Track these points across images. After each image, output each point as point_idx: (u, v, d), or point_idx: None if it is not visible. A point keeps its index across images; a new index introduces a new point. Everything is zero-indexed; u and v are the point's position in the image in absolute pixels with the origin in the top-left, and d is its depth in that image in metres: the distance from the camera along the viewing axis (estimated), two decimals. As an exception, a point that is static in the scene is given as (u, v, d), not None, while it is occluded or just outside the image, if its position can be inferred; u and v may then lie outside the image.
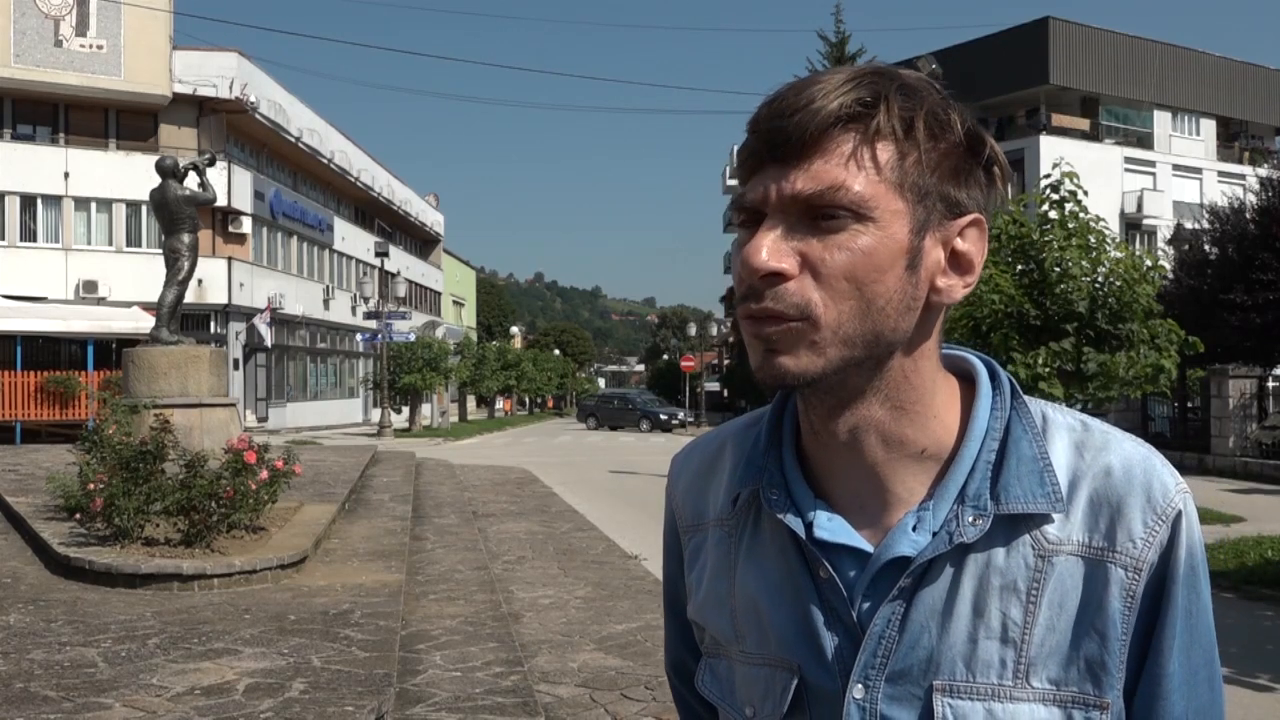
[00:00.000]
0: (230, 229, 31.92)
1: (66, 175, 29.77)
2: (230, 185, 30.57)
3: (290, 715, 4.59)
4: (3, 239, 29.36)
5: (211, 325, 31.23)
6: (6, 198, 29.41)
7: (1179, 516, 0.86)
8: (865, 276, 0.82)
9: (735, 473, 0.99)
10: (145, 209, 26.45)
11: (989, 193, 0.88)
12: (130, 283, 28.63)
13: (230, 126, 32.81)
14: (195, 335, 19.77)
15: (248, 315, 32.18)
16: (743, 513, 0.98)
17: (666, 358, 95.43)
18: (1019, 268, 12.45)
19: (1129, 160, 41.94)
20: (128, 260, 30.07)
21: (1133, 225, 41.52)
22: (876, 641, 0.87)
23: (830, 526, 0.90)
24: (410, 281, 46.25)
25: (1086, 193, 12.42)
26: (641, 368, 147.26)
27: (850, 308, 0.83)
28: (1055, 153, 24.37)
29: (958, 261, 0.87)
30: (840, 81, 0.83)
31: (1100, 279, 12.19)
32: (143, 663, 5.39)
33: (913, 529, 0.88)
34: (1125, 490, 0.87)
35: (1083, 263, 11.97)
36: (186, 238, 13.43)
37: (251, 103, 32.21)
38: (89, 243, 30.28)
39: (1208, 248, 24.84)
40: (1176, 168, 43.25)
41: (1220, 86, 44.49)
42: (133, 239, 30.77)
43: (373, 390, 38.57)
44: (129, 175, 28.90)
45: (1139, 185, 41.92)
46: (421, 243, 58.27)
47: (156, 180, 13.38)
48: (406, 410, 38.15)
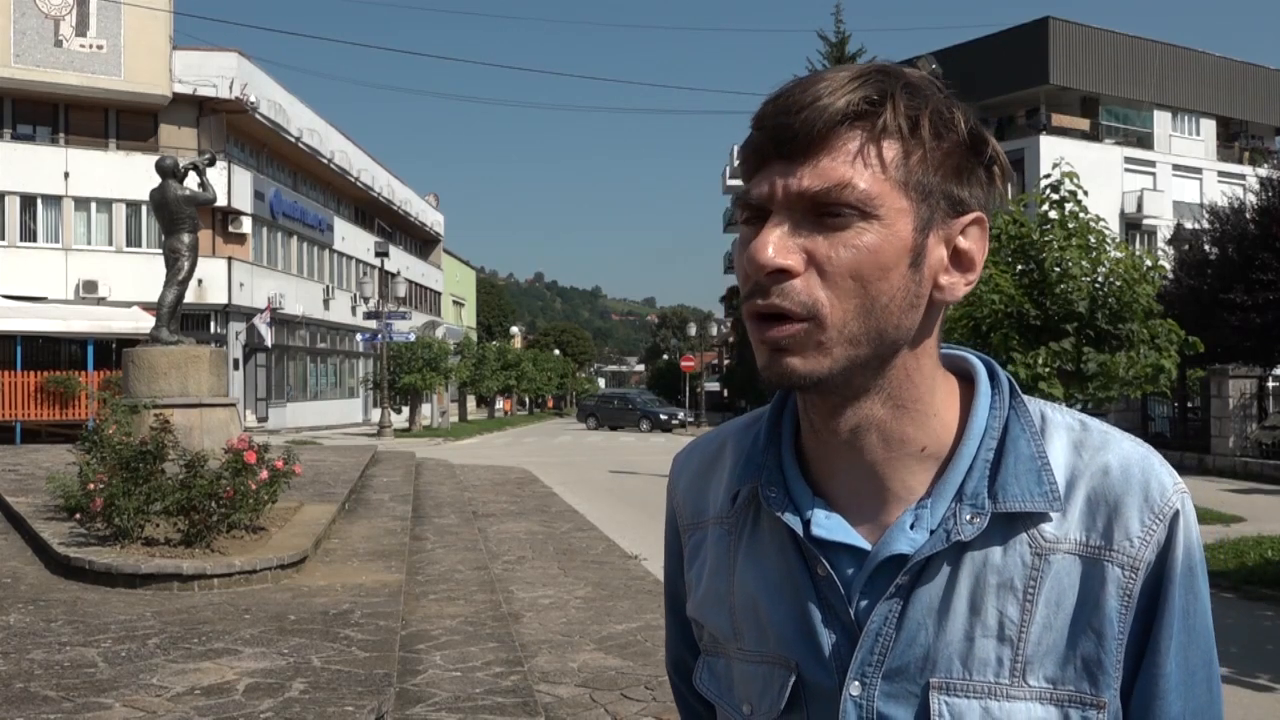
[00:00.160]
0: (230, 229, 31.92)
1: (66, 175, 29.77)
2: (230, 185, 30.57)
3: (290, 715, 4.59)
4: (3, 239, 29.36)
5: (211, 325, 31.23)
6: (6, 198, 29.41)
7: (1176, 516, 0.87)
8: (870, 274, 0.83)
9: (735, 471, 0.99)
10: (145, 209, 26.46)
11: (989, 191, 0.89)
12: (130, 283, 28.63)
13: (230, 126, 32.81)
14: (195, 335, 19.77)
15: (248, 315, 32.18)
16: (742, 510, 0.98)
17: (666, 358, 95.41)
18: (1019, 268, 12.46)
19: (1129, 160, 41.94)
20: (128, 260, 30.07)
21: (1133, 225, 41.52)
22: (873, 639, 0.87)
23: (828, 524, 0.90)
24: (410, 281, 46.25)
25: (1086, 193, 12.42)
26: (641, 368, 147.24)
27: (855, 306, 0.83)
28: (1055, 153, 24.39)
29: (960, 259, 0.88)
30: (846, 79, 0.83)
31: (1100, 279, 12.20)
32: (143, 663, 5.40)
33: (910, 527, 0.88)
34: (1123, 489, 0.87)
35: (1083, 263, 11.97)
36: (186, 238, 13.43)
37: (251, 103, 32.21)
38: (89, 243, 30.28)
39: (1208, 248, 24.84)
40: (1176, 168, 43.26)
41: (1220, 86, 44.49)
42: (133, 239, 30.78)
43: (373, 390, 38.57)
44: (129, 175, 28.91)
45: (1139, 185, 41.92)
46: (421, 243, 58.28)
47: (156, 180, 13.38)
48: (406, 410, 38.15)
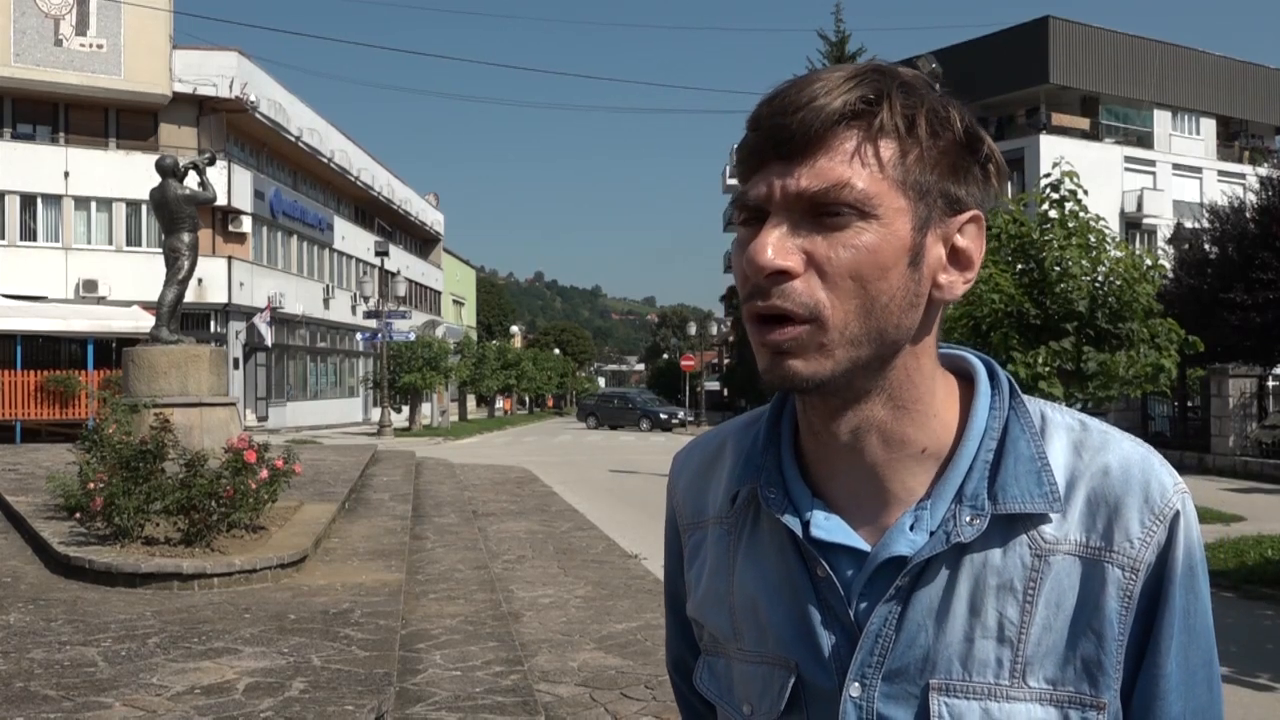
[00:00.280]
0: (230, 228, 31.93)
1: (66, 175, 29.77)
2: (230, 184, 30.57)
3: (290, 715, 4.59)
4: (3, 238, 29.37)
5: (211, 324, 31.24)
6: (6, 197, 29.42)
7: (1177, 517, 0.86)
8: (870, 274, 0.82)
9: (734, 471, 0.99)
10: (145, 208, 26.46)
11: (985, 189, 0.88)
12: (130, 282, 28.64)
13: (230, 126, 32.81)
14: (195, 334, 19.77)
15: (248, 314, 32.19)
16: (741, 511, 0.98)
17: (666, 357, 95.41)
18: (1019, 267, 12.46)
19: (1129, 160, 41.95)
20: (128, 260, 30.08)
21: (1133, 225, 41.53)
22: (873, 640, 0.87)
23: (827, 526, 0.90)
24: (410, 281, 46.25)
25: (1086, 192, 12.42)
26: (641, 367, 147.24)
27: (856, 306, 0.83)
28: (1055, 152, 24.36)
29: (958, 258, 0.88)
30: (842, 79, 0.83)
31: (1100, 278, 12.20)
32: (143, 662, 5.40)
33: (910, 528, 0.88)
34: (1123, 490, 0.87)
35: (1083, 262, 11.98)
36: (186, 237, 13.43)
37: (251, 102, 32.21)
38: (89, 242, 30.29)
39: (1208, 247, 24.85)
40: (1176, 167, 43.26)
41: (1220, 86, 44.49)
42: (133, 238, 30.78)
43: (373, 389, 38.57)
44: (129, 174, 28.91)
45: (1139, 185, 41.92)
46: (421, 242, 58.28)
47: (156, 179, 13.38)
48: (406, 409, 38.15)
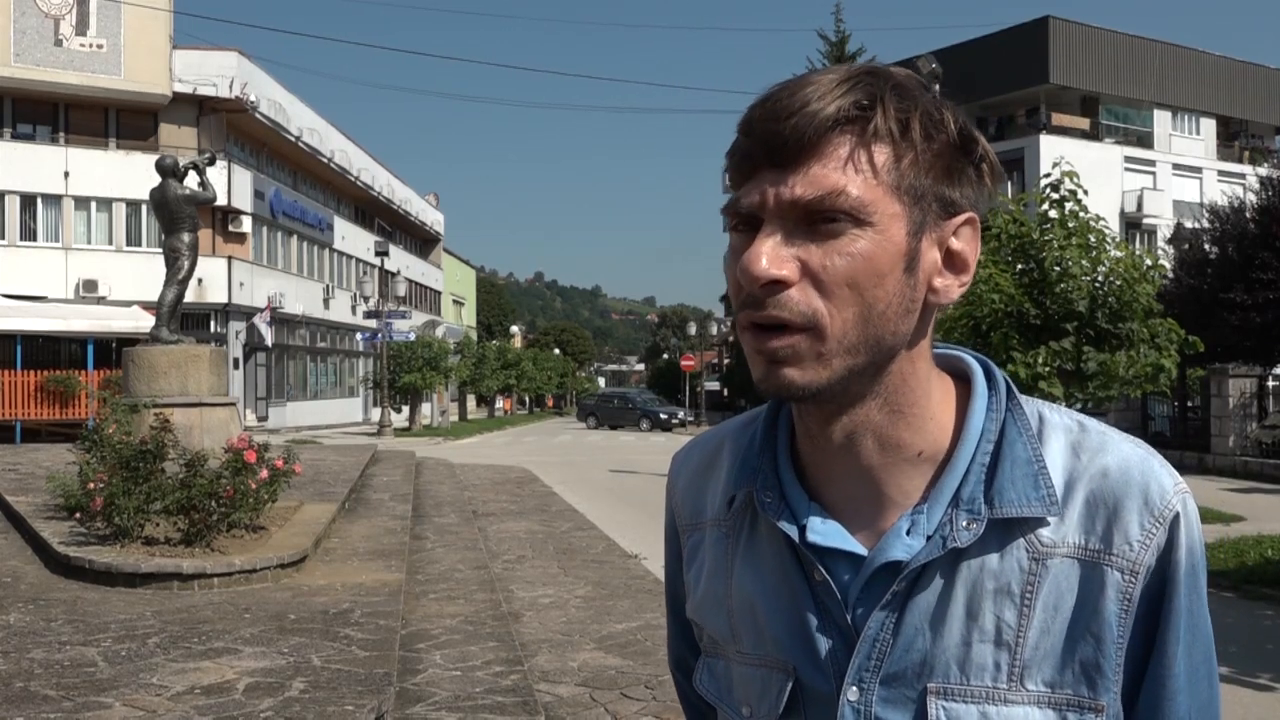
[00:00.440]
0: (230, 228, 31.93)
1: (66, 175, 29.77)
2: (230, 184, 30.57)
3: (290, 714, 4.59)
4: (3, 238, 29.37)
5: (211, 324, 31.24)
6: (6, 197, 29.42)
7: (1177, 519, 0.86)
8: (866, 281, 0.82)
9: (731, 474, 0.99)
10: (145, 208, 26.46)
11: (980, 190, 0.88)
12: (130, 282, 28.64)
13: (230, 126, 32.81)
14: (195, 334, 19.78)
15: (248, 314, 32.19)
16: (739, 514, 0.98)
17: (666, 357, 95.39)
18: (1019, 267, 12.46)
19: (1129, 160, 41.94)
20: (128, 260, 30.07)
21: (1133, 225, 41.52)
22: (871, 645, 0.87)
23: (824, 530, 0.90)
24: (410, 281, 46.25)
25: (1086, 192, 12.42)
26: (641, 367, 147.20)
27: (853, 314, 0.82)
28: (1055, 152, 24.36)
29: (953, 261, 0.87)
30: (835, 83, 0.82)
31: (1100, 278, 12.20)
32: (143, 662, 5.40)
33: (906, 532, 0.87)
34: (1122, 492, 0.86)
35: (1083, 262, 11.97)
36: (186, 237, 13.43)
37: (251, 102, 32.21)
38: (89, 242, 30.29)
39: (1208, 247, 24.85)
40: (1176, 167, 43.26)
41: (1220, 86, 44.49)
42: (133, 238, 30.78)
43: (373, 389, 38.57)
44: (129, 174, 28.91)
45: (1139, 185, 41.92)
46: (421, 242, 58.28)
47: (156, 179, 13.38)
48: (406, 409, 38.16)
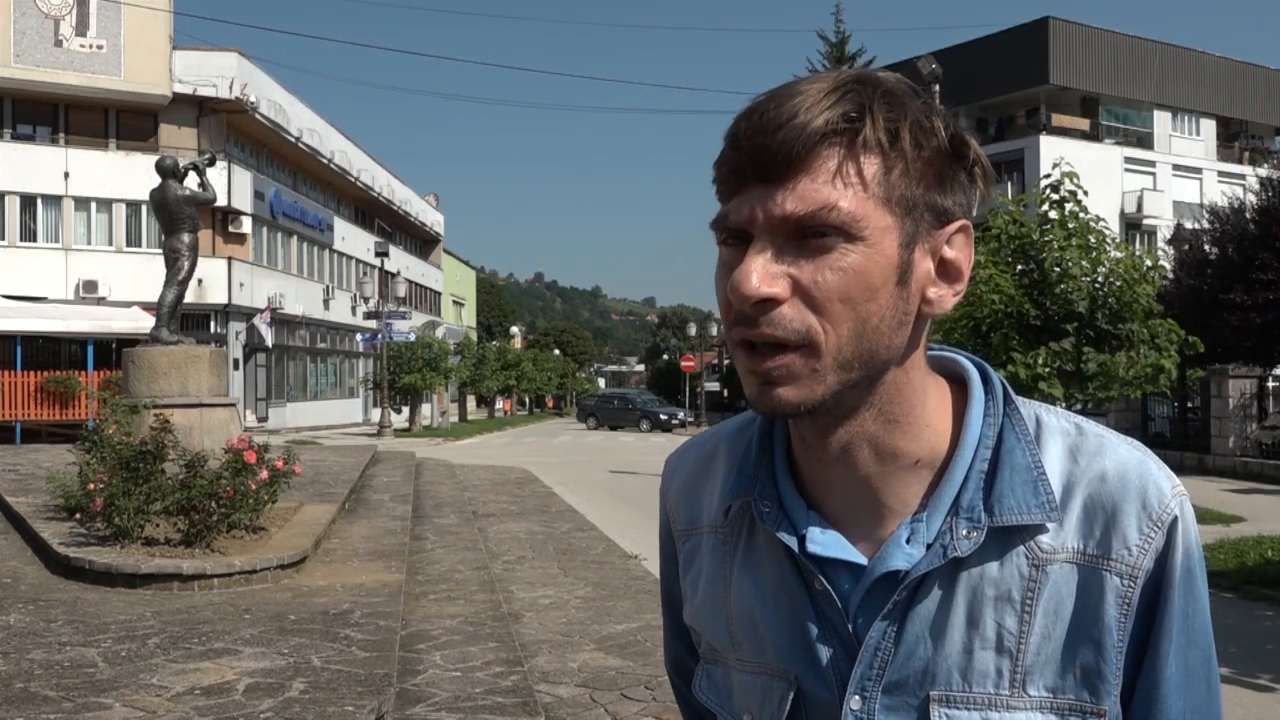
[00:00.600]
0: (230, 229, 31.92)
1: (66, 175, 29.77)
2: (230, 185, 30.57)
3: (290, 715, 4.59)
4: (3, 239, 29.36)
5: (211, 325, 31.23)
6: (6, 198, 29.41)
7: (1175, 522, 0.86)
8: (859, 296, 0.80)
9: (727, 482, 0.98)
10: (145, 209, 26.45)
11: (972, 194, 0.86)
12: (130, 283, 28.63)
13: (230, 126, 32.81)
14: (195, 335, 19.78)
15: (248, 315, 32.18)
16: (736, 522, 0.97)
17: (666, 358, 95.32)
18: (1019, 268, 12.46)
19: (1129, 160, 41.94)
20: (128, 260, 30.07)
21: (1133, 225, 41.52)
22: (872, 654, 0.87)
23: (823, 540, 0.89)
24: (410, 281, 46.25)
25: (1086, 193, 12.42)
26: (641, 368, 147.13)
27: (848, 330, 0.81)
28: (1055, 153, 24.39)
29: (946, 270, 0.86)
30: (823, 93, 0.80)
31: (1100, 279, 12.20)
32: (143, 662, 5.40)
33: (906, 541, 0.87)
34: (1120, 496, 0.86)
35: (1083, 263, 11.97)
36: (186, 237, 13.43)
37: (251, 103, 32.21)
38: (89, 243, 30.28)
39: (1208, 248, 24.85)
40: (1176, 168, 43.25)
41: (1220, 86, 44.48)
42: (133, 239, 30.78)
43: (373, 390, 38.58)
44: (129, 175, 28.90)
45: (1139, 185, 41.91)
46: (421, 243, 58.27)
47: (156, 180, 13.38)
48: (406, 410, 38.16)
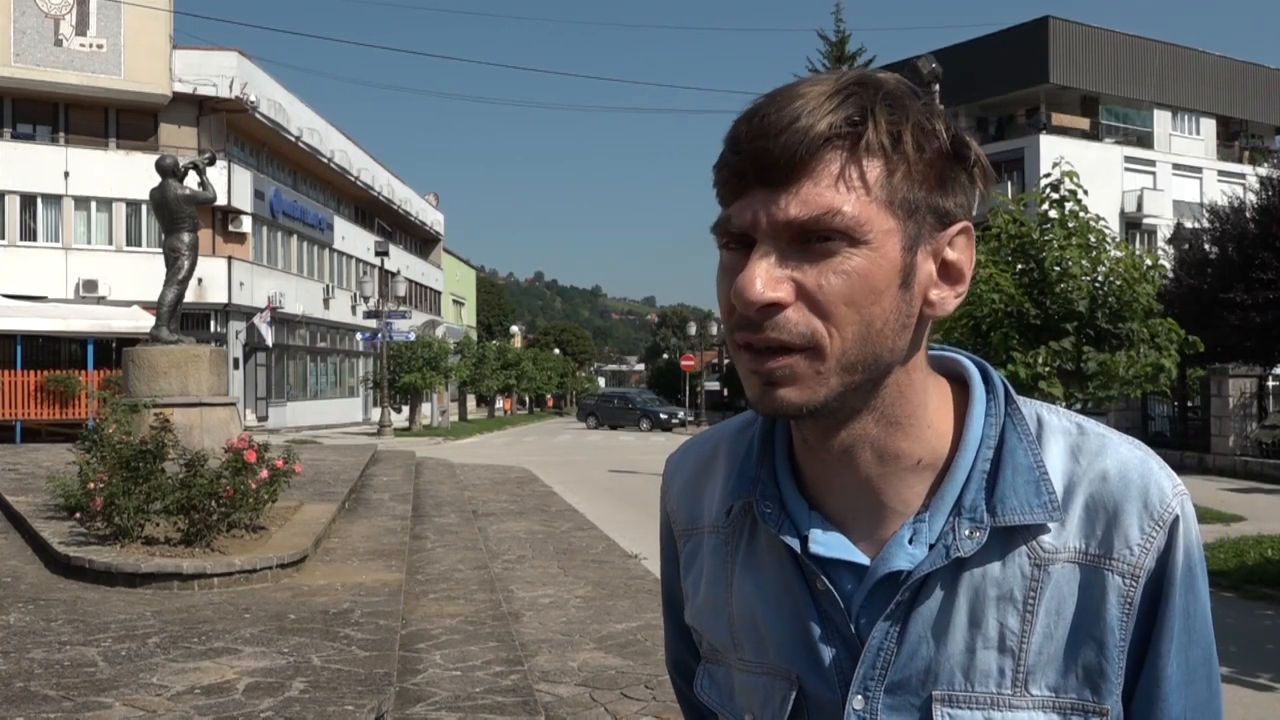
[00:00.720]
0: (230, 228, 31.93)
1: (66, 174, 29.77)
2: (230, 184, 30.57)
3: (290, 714, 4.59)
4: (3, 238, 29.37)
5: (211, 324, 31.24)
6: (6, 197, 29.42)
7: (1176, 521, 0.86)
8: (863, 300, 0.80)
9: (729, 483, 0.97)
10: (145, 208, 26.45)
11: (973, 196, 0.86)
12: (130, 282, 28.64)
13: (230, 126, 32.81)
14: (195, 334, 19.78)
15: (248, 314, 32.19)
16: (737, 522, 0.97)
17: (666, 357, 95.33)
18: (1019, 267, 12.46)
19: (1129, 160, 41.95)
20: (128, 259, 30.07)
21: (1133, 224, 41.53)
22: (875, 654, 0.87)
23: (826, 540, 0.89)
24: (410, 281, 46.24)
25: (1086, 192, 12.42)
26: (641, 367, 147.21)
27: (852, 333, 0.81)
28: (1055, 152, 24.37)
29: (948, 272, 0.86)
30: (824, 97, 0.80)
31: (1100, 278, 12.20)
32: (143, 662, 5.40)
33: (909, 541, 0.87)
34: (1122, 496, 0.86)
35: (1083, 262, 11.98)
36: (186, 237, 13.43)
37: (251, 102, 32.21)
38: (89, 242, 30.29)
39: (1208, 247, 24.85)
40: (1176, 167, 43.26)
41: (1220, 86, 44.49)
42: (133, 238, 30.78)
43: (373, 389, 38.58)
44: (129, 174, 28.91)
45: (1139, 184, 41.92)
46: (421, 242, 58.27)
47: (156, 179, 13.38)
48: (406, 409, 38.16)
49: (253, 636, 5.94)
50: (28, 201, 29.74)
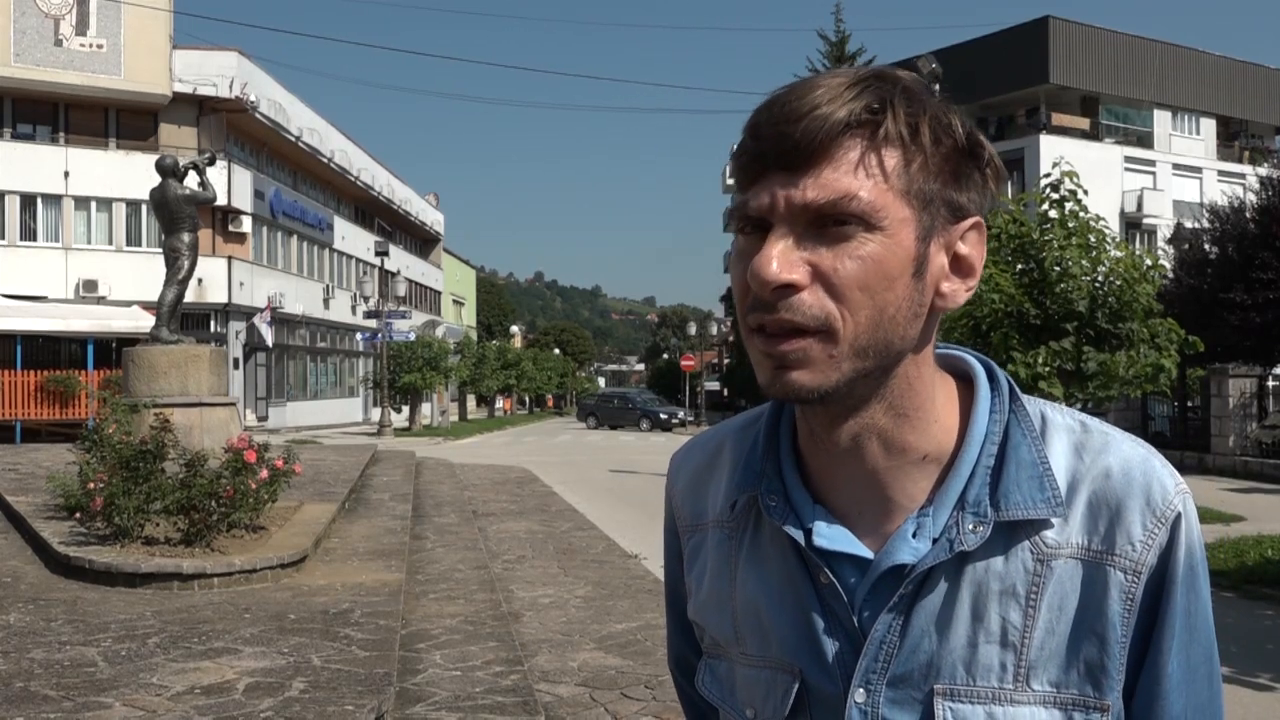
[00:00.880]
0: (230, 228, 31.93)
1: (66, 174, 29.77)
2: (230, 184, 30.57)
3: (290, 715, 4.58)
4: (3, 238, 29.36)
5: (211, 324, 31.24)
6: (6, 197, 29.41)
7: (1178, 519, 0.86)
8: (877, 285, 0.81)
9: (733, 477, 0.98)
10: (145, 208, 26.46)
11: (985, 194, 0.88)
12: (130, 282, 28.64)
13: (230, 126, 32.81)
14: (195, 334, 19.79)
15: (248, 314, 32.19)
16: (742, 516, 0.98)
17: (666, 357, 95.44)
18: (1019, 267, 12.46)
19: (1129, 159, 41.96)
20: (128, 259, 30.07)
21: (1133, 224, 41.54)
22: (878, 647, 0.87)
23: (830, 534, 0.90)
24: (410, 281, 46.25)
25: (1086, 192, 12.41)
26: (641, 367, 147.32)
27: (865, 318, 0.82)
28: (1055, 152, 24.35)
29: (959, 265, 0.87)
30: (844, 86, 0.82)
31: (1100, 278, 12.20)
32: (143, 662, 5.39)
33: (912, 535, 0.88)
34: (1124, 493, 0.86)
35: (1083, 262, 11.97)
36: (186, 237, 13.43)
37: (251, 102, 32.20)
38: (89, 242, 30.29)
39: (1208, 247, 24.86)
40: (1176, 167, 43.27)
41: (1220, 86, 44.50)
42: (133, 238, 30.78)
43: (373, 389, 38.58)
44: (129, 174, 28.91)
45: (1139, 184, 41.93)
46: (421, 242, 58.28)
47: (156, 179, 13.38)
48: (406, 409, 38.16)
49: (253, 636, 5.94)
50: (28, 201, 29.74)
